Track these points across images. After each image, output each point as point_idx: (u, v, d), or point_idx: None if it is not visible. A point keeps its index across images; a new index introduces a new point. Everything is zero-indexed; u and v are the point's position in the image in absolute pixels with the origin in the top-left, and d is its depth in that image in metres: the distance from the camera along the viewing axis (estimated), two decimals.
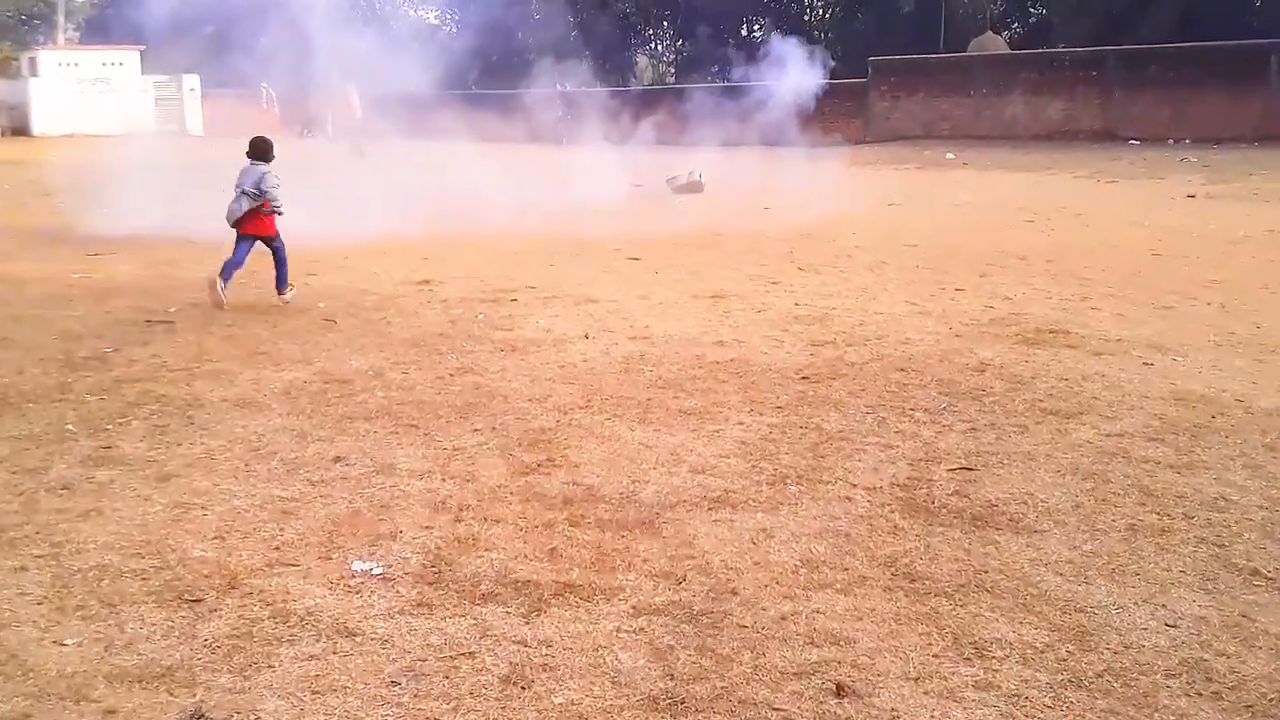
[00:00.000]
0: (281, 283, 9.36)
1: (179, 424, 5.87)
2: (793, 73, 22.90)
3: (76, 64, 40.85)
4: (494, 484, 5.05)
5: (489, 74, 44.34)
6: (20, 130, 37.01)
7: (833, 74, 28.86)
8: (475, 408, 6.23)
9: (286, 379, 6.78)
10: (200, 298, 9.27)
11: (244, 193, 9.18)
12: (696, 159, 21.40)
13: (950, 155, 26.12)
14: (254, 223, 9.24)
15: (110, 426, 5.82)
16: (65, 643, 3.64)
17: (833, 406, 6.43)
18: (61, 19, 48.37)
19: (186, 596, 3.96)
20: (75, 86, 39.90)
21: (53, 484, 4.99)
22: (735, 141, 25.84)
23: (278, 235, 9.36)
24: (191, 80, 42.22)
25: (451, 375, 6.94)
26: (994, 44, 36.97)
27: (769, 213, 16.59)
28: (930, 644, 3.70)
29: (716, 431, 5.92)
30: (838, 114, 28.03)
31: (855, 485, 5.15)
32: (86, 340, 7.84)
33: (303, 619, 3.81)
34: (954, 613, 3.91)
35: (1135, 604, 3.96)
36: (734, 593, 4.07)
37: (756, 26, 51.70)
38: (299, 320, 8.70)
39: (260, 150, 9.37)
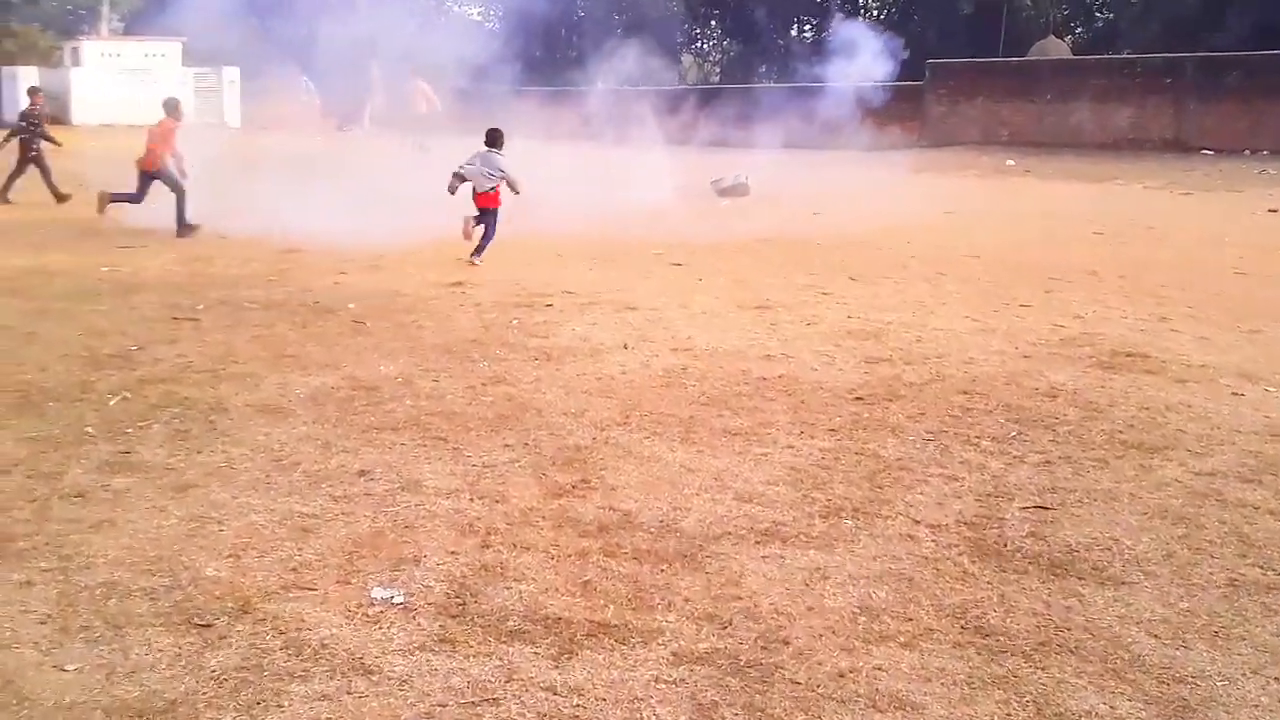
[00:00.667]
0: (480, 250, 11.39)
1: (201, 429, 5.60)
2: (860, 61, 22.35)
3: (118, 54, 40.81)
4: (525, 506, 4.69)
5: (532, 70, 44.12)
6: (59, 119, 37.13)
7: (888, 75, 28.27)
8: (507, 421, 5.88)
9: (313, 384, 6.48)
10: (228, 295, 9.03)
11: (490, 174, 11.43)
12: (744, 161, 20.97)
13: (1011, 162, 25.39)
14: (485, 198, 11.44)
15: (130, 430, 5.56)
16: (66, 669, 3.36)
17: (890, 431, 6.01)
18: (106, 9, 48.63)
19: (196, 620, 3.65)
20: (116, 77, 39.78)
21: (67, 491, 4.74)
22: (785, 143, 25.38)
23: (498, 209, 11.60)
24: (231, 72, 42.32)
25: (483, 385, 6.60)
26: (1056, 49, 36.06)
27: (819, 218, 16.13)
28: (1010, 713, 3.29)
29: (764, 455, 5.52)
30: (893, 117, 27.31)
31: (918, 522, 4.73)
32: (112, 337, 7.61)
33: (317, 651, 3.48)
34: (1034, 677, 3.49)
35: (1243, 675, 3.52)
36: (785, 642, 3.68)
37: (807, 26, 51.09)
38: (328, 322, 8.39)
39: (494, 139, 11.67)
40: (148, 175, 13.35)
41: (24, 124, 17.31)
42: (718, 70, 51.21)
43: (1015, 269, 12.00)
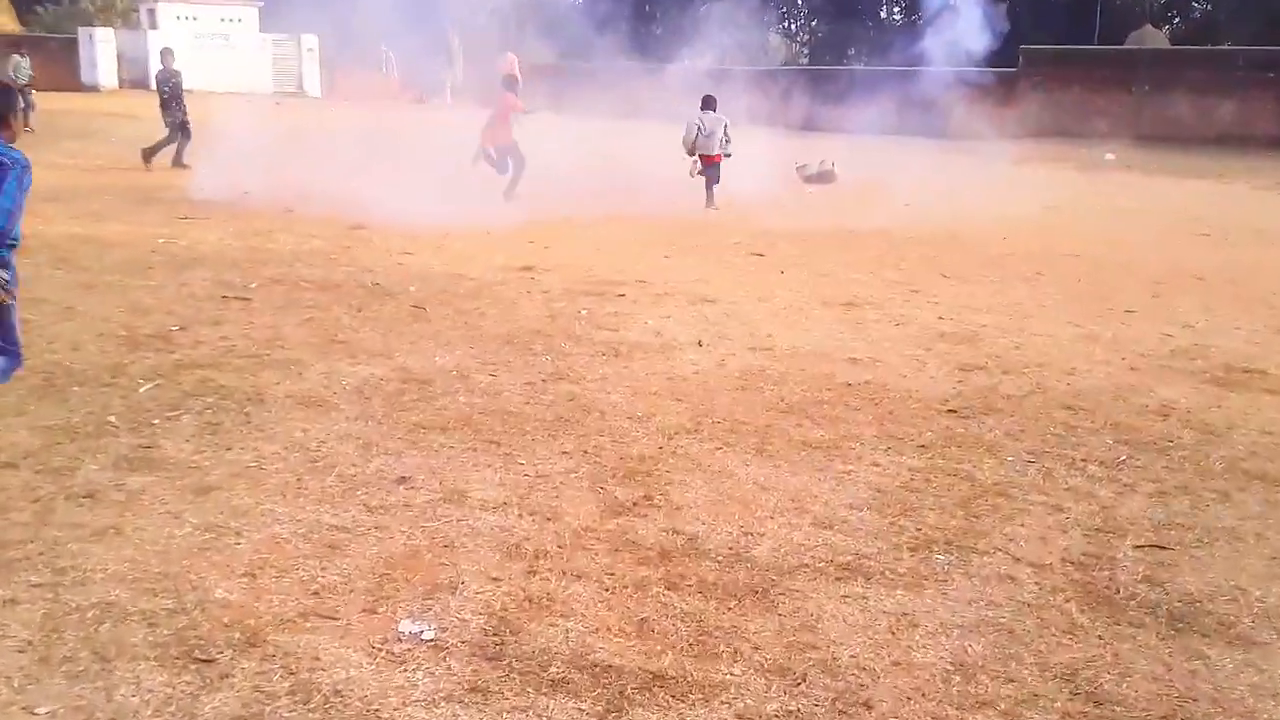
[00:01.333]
0: (711, 200, 14.73)
1: (234, 422, 5.22)
2: (953, 45, 21.54)
3: (195, 18, 40.32)
4: (579, 525, 4.24)
5: (615, 47, 43.58)
6: (139, 83, 36.86)
7: (980, 61, 27.23)
8: (567, 424, 5.43)
9: (362, 375, 6.08)
10: (284, 273, 8.73)
11: (717, 135, 14.70)
12: (831, 145, 20.27)
13: (1110, 156, 24.26)
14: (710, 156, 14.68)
15: (157, 421, 5.20)
16: (37, 711, 2.97)
17: (986, 450, 5.45)
18: None
19: (197, 654, 3.25)
20: (193, 41, 39.12)
21: (76, 490, 4.37)
22: (874, 128, 24.61)
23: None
24: (310, 40, 41.98)
25: (544, 382, 6.15)
26: (1153, 39, 34.70)
27: (910, 210, 15.43)
28: None
29: (847, 473, 5.00)
30: (985, 104, 26.30)
31: (1019, 560, 4.19)
32: (155, 315, 7.29)
33: (328, 699, 3.07)
34: None
35: None
36: (867, 705, 3.19)
37: (896, 9, 49.90)
38: (385, 306, 8.00)
39: (709, 103, 14.96)
40: (497, 149, 14.62)
41: (165, 89, 16.87)
42: (805, 51, 50.23)
43: (1118, 270, 11.25)
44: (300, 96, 40.57)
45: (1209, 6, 41.98)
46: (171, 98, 16.74)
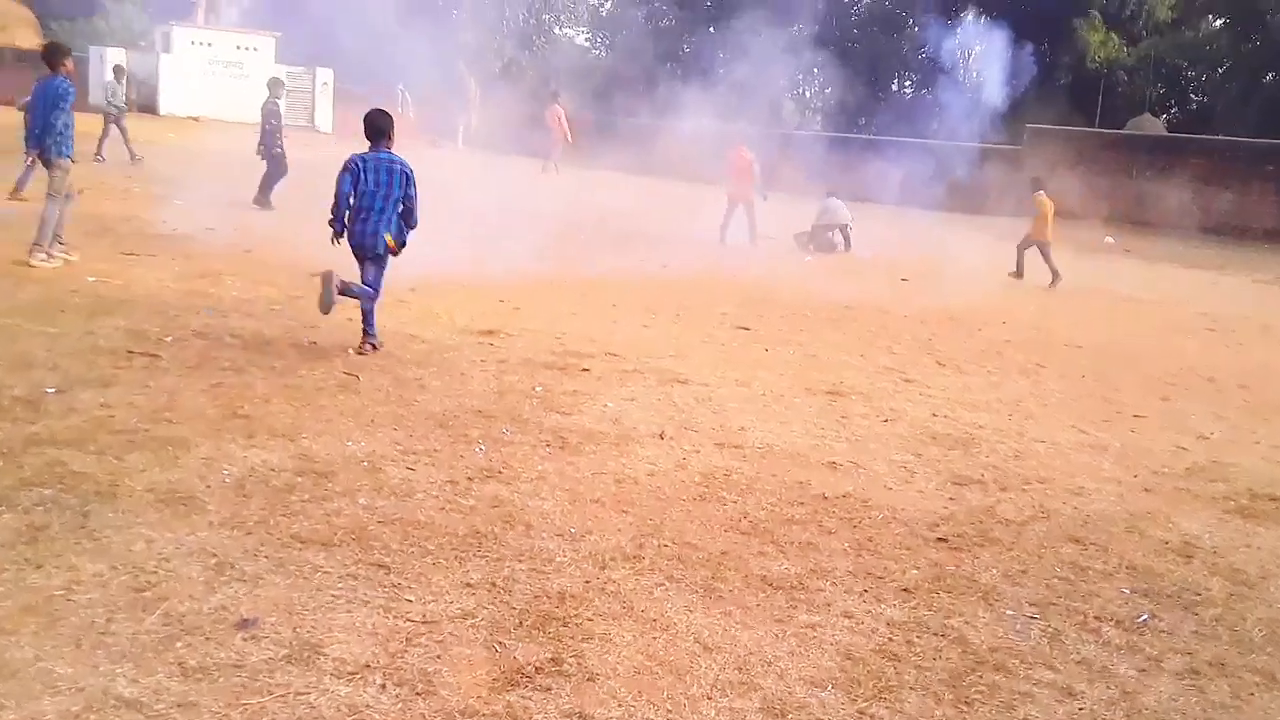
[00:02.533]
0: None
1: (65, 526, 4.25)
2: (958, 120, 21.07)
3: (209, 44, 39.09)
4: (457, 706, 3.28)
5: (635, 102, 43.21)
6: (148, 107, 36.04)
7: (986, 137, 26.80)
8: (481, 542, 4.51)
9: (251, 462, 5.14)
10: (212, 325, 7.85)
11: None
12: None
13: (1110, 240, 23.57)
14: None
15: None
16: None
17: (982, 597, 4.56)
18: None
19: None
20: (206, 67, 38.25)
21: None
22: (876, 197, 23.98)
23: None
24: (325, 74, 41.36)
25: (469, 480, 5.24)
26: (1152, 126, 34.43)
27: (907, 286, 14.64)
28: None
29: (811, 628, 4.09)
30: (987, 180, 25.78)
31: None
32: (36, 372, 6.30)
33: None
34: None
35: None
36: None
37: (908, 83, 49.70)
38: (314, 371, 7.07)
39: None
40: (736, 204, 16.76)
41: (271, 122, 16.35)
42: (817, 117, 49.95)
43: (1123, 365, 10.43)
44: (310, 130, 39.93)
45: (1205, 98, 41.92)
46: (272, 130, 16.21)
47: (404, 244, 7.87)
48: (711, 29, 45.29)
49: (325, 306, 7.55)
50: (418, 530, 4.52)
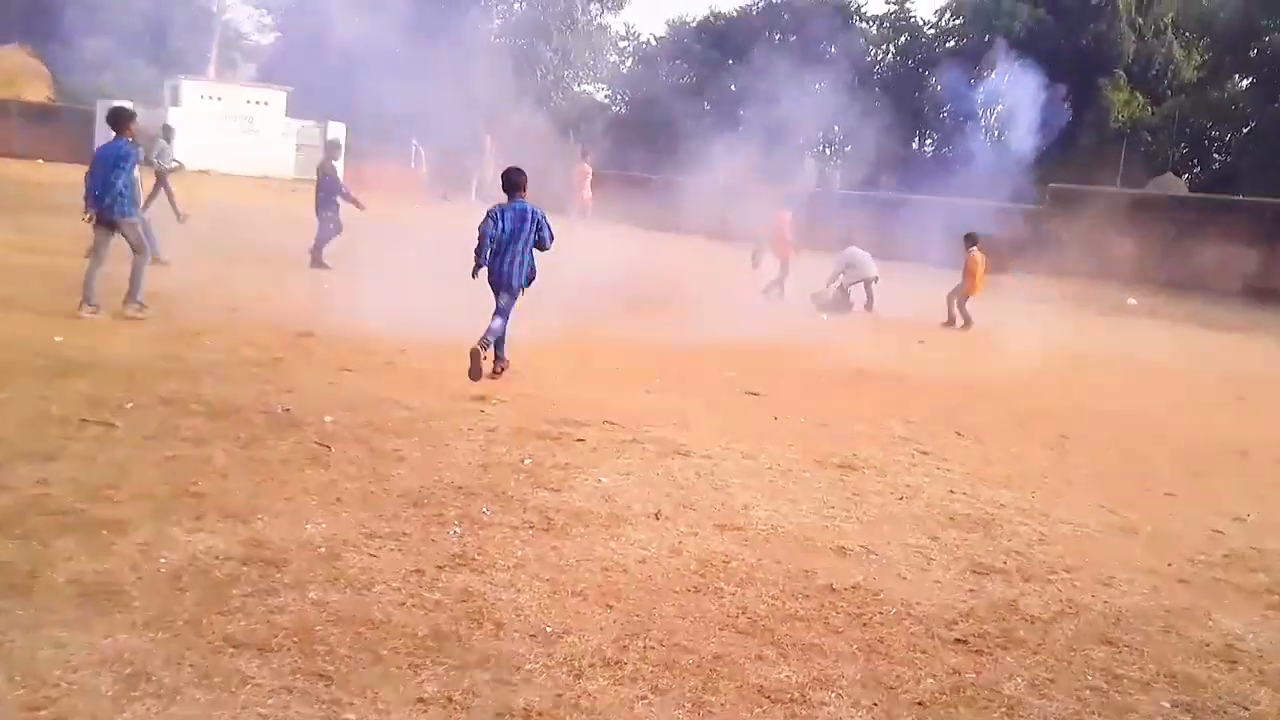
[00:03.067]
0: None
1: None
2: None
3: (219, 98, 39.29)
4: None
5: (653, 157, 43.17)
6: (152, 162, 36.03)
7: (1006, 196, 26.43)
8: (443, 644, 4.05)
9: (194, 549, 4.67)
10: (180, 391, 7.44)
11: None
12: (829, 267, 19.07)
13: (1133, 301, 23.07)
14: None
15: None
16: None
17: (1006, 712, 4.09)
18: (215, 52, 48.26)
19: None
20: (216, 122, 38.38)
21: None
22: (891, 254, 23.59)
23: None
24: (337, 128, 41.45)
25: (439, 569, 4.78)
26: (1174, 186, 34.11)
27: (925, 349, 14.20)
28: None
29: None
30: (1006, 239, 25.20)
31: None
32: None
33: None
34: None
35: None
36: None
37: (928, 141, 49.60)
38: (282, 442, 6.59)
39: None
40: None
41: (324, 182, 16.26)
42: (838, 173, 49.86)
43: (1151, 438, 9.94)
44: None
45: (1229, 158, 41.58)
46: (329, 191, 16.12)
47: (533, 279, 9.43)
48: (733, 86, 45.42)
49: (474, 375, 8.90)
50: (372, 631, 4.06)
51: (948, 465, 7.99)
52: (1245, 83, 41.71)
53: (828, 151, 51.63)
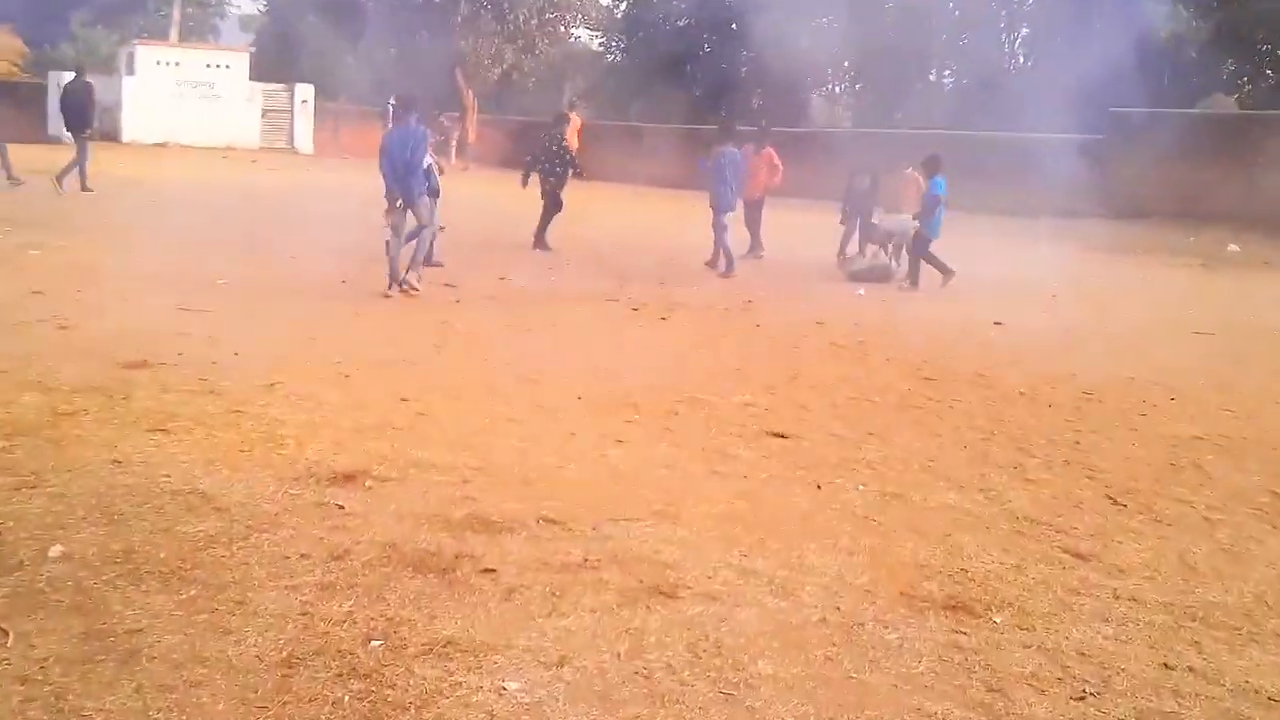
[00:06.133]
0: None
1: None
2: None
3: (177, 63, 35.88)
4: None
5: (653, 107, 39.58)
6: (110, 135, 32.02)
7: (1054, 126, 22.55)
8: None
9: None
10: None
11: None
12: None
13: (1234, 248, 19.16)
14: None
15: None
16: None
17: None
18: (177, 12, 44.54)
19: None
20: (174, 89, 35.18)
21: None
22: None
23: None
24: (305, 91, 37.86)
25: None
26: (1224, 107, 30.22)
27: (1004, 333, 10.72)
28: None
29: None
30: (1065, 177, 21.19)
31: None
32: None
33: None
34: None
35: None
36: None
37: (946, 74, 45.44)
38: None
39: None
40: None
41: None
42: (848, 114, 45.89)
43: None
44: (290, 152, 36.55)
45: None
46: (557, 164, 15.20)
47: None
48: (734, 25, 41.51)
49: None
50: None
51: (1123, 578, 4.64)
52: None
53: (836, 89, 47.68)
